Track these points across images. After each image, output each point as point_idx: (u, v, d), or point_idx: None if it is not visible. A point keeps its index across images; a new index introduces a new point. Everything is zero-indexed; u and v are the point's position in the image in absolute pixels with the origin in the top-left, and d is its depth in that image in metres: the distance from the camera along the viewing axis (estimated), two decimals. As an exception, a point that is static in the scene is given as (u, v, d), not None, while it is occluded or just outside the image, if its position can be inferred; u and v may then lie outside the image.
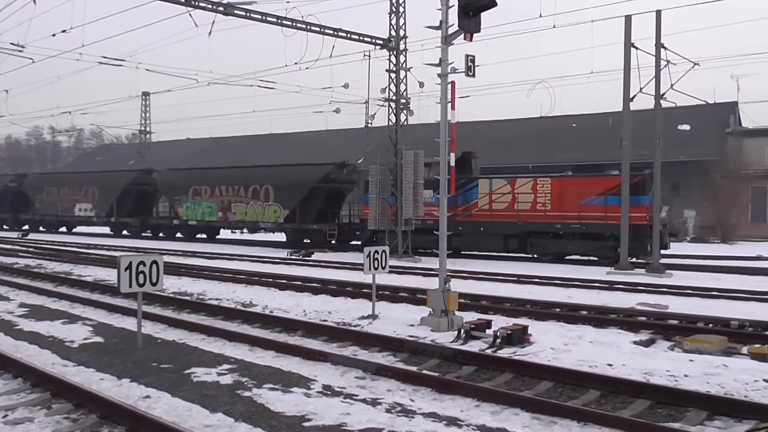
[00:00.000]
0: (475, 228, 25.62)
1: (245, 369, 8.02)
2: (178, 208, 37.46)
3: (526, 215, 24.75)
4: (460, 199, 25.61)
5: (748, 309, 13.14)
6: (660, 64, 21.24)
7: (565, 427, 6.36)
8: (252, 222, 33.78)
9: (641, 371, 8.24)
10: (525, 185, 25.07)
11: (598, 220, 23.21)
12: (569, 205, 23.82)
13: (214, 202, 35.37)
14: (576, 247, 24.14)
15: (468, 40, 10.92)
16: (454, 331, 10.54)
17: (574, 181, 24.59)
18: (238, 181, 34.41)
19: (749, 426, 6.30)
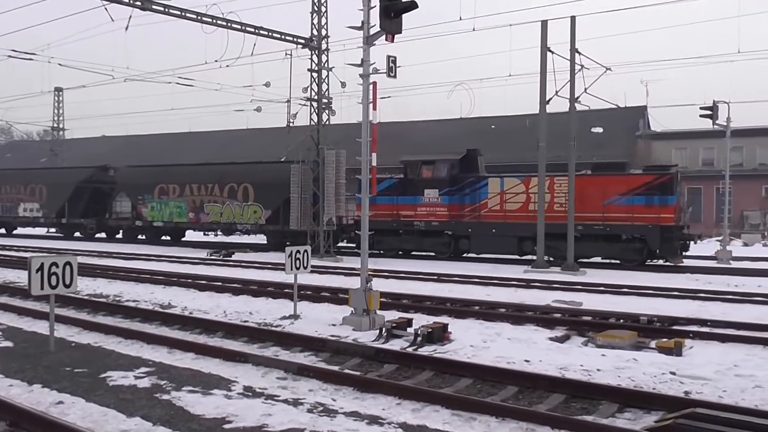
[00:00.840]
0: (486, 230, 23.86)
1: (164, 372, 7.81)
2: (142, 208, 34.41)
3: (546, 216, 22.44)
4: (467, 199, 24.52)
5: (656, 305, 13.79)
6: (574, 69, 21.99)
7: (483, 423, 6.48)
8: (228, 223, 31.37)
9: (557, 366, 8.51)
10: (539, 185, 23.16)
11: (625, 221, 21.95)
12: (591, 205, 22.24)
13: (184, 202, 32.64)
14: (598, 250, 22.76)
15: (389, 41, 11.00)
16: (375, 330, 10.60)
17: (596, 180, 23.20)
18: (212, 178, 31.82)
19: (657, 417, 6.60)
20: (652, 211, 21.49)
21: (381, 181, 25.81)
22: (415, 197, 25.43)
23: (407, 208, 25.53)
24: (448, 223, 24.68)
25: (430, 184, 25.03)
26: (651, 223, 21.42)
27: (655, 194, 21.51)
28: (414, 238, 25.84)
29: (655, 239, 21.49)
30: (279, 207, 29.28)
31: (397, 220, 25.66)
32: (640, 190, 21.88)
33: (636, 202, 21.79)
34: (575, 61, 21.96)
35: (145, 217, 34.26)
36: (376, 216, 25.20)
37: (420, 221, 25.32)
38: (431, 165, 25.25)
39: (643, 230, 21.55)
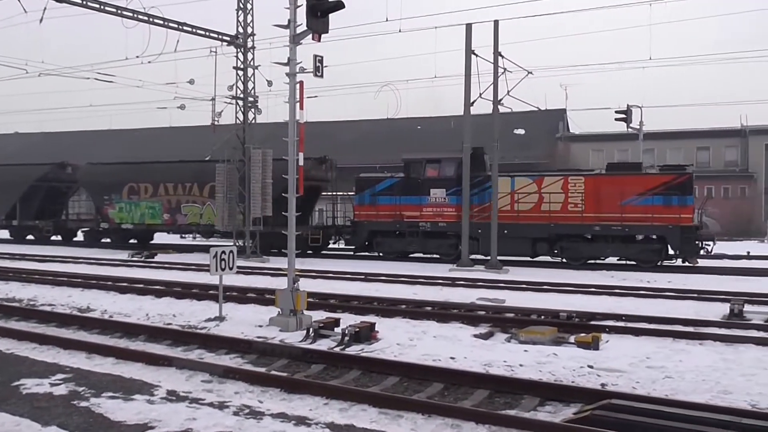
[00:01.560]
0: (498, 231, 22.51)
1: (82, 378, 7.57)
2: (108, 209, 31.64)
3: (558, 217, 22.47)
4: (475, 199, 23.34)
5: (575, 301, 14.25)
6: (498, 72, 22.48)
7: (410, 420, 6.57)
8: (208, 225, 29.05)
9: (481, 363, 8.70)
10: (554, 184, 22.88)
11: (643, 221, 21.55)
12: (607, 205, 21.89)
13: (157, 203, 30.21)
14: (615, 251, 22.27)
15: (316, 40, 11.00)
16: (303, 330, 10.57)
17: (613, 180, 22.53)
18: (190, 177, 29.56)
19: (576, 409, 6.84)
20: (672, 211, 21.20)
21: (380, 181, 25.34)
22: (420, 197, 24.20)
23: (412, 209, 24.16)
24: (457, 224, 23.29)
25: (437, 183, 24.05)
26: (671, 224, 21.12)
27: (674, 194, 21.27)
28: (418, 239, 24.58)
29: (675, 239, 21.26)
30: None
31: (400, 221, 24.29)
32: (658, 190, 21.53)
33: (654, 202, 21.44)
34: (498, 64, 22.45)
35: (112, 218, 31.47)
36: (375, 217, 25.00)
37: (426, 222, 24.12)
38: (437, 163, 24.26)
39: (664, 230, 21.31)
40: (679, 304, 13.96)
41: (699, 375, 8.11)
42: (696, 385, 7.71)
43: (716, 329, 11.10)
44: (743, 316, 12.09)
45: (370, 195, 25.19)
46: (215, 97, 26.80)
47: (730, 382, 7.83)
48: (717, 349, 9.59)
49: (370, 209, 25.06)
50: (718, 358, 8.99)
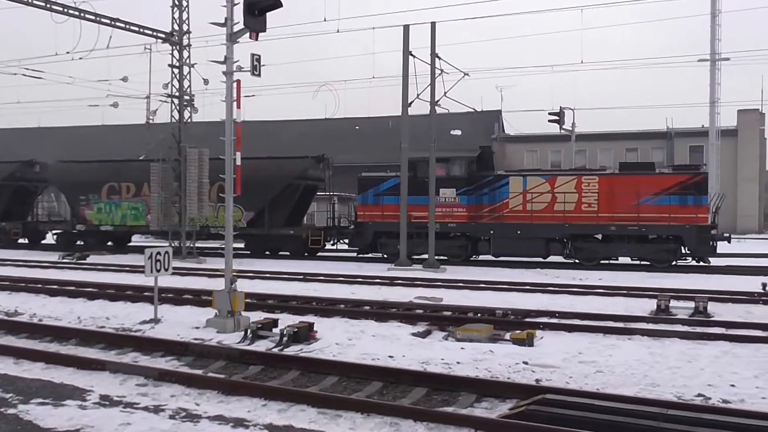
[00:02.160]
0: (510, 231, 22.43)
1: (9, 384, 7.32)
2: (86, 210, 29.68)
3: (572, 217, 22.18)
4: (485, 199, 23.13)
5: (511, 299, 14.55)
6: (435, 73, 22.73)
7: (349, 420, 6.59)
8: (201, 227, 27.17)
9: (419, 361, 8.79)
10: (567, 184, 22.50)
11: (660, 221, 21.42)
12: (622, 205, 21.72)
13: (141, 203, 28.45)
14: (631, 251, 22.11)
15: (254, 39, 10.90)
16: (240, 331, 10.47)
17: (628, 179, 22.21)
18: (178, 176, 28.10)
19: (511, 404, 6.99)
20: (688, 210, 21.21)
21: (384, 180, 24.69)
22: (427, 197, 23.15)
23: (420, 209, 23.02)
24: (468, 225, 23.17)
25: (447, 182, 23.45)
26: (688, 224, 21.11)
27: (690, 194, 21.29)
28: (423, 241, 23.47)
29: (692, 239, 21.24)
30: (263, 208, 26.66)
31: (408, 222, 23.07)
32: (673, 190, 21.50)
33: (671, 201, 21.41)
34: (435, 66, 22.71)
35: (90, 220, 29.47)
36: (381, 217, 24.19)
37: (435, 223, 23.25)
38: (445, 163, 23.67)
39: (680, 230, 21.24)
40: (610, 301, 14.41)
41: (628, 369, 8.40)
42: (625, 379, 7.98)
43: (644, 324, 11.50)
44: (669, 312, 12.57)
45: (374, 195, 24.45)
46: (150, 95, 26.24)
47: (657, 375, 8.15)
48: (645, 344, 9.96)
49: (375, 209, 24.31)
50: (645, 352, 9.34)
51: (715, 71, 34.75)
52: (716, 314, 12.45)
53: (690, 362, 8.75)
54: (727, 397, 7.25)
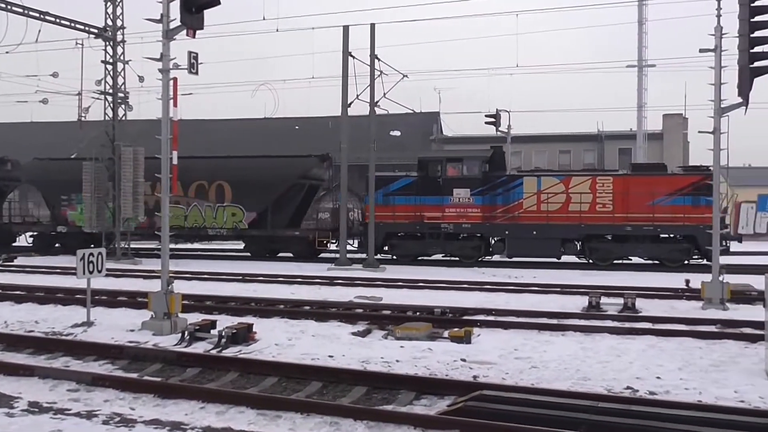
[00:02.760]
0: (526, 232, 22.25)
1: (-68, 392, 7.03)
2: (67, 210, 27.99)
3: (588, 217, 22.16)
4: (499, 199, 22.88)
5: (449, 297, 14.76)
6: (374, 74, 22.84)
7: (289, 420, 6.58)
8: (196, 228, 26.30)
9: (359, 360, 8.84)
10: (582, 184, 22.49)
11: (674, 221, 21.61)
12: (636, 205, 21.78)
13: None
14: (645, 251, 22.23)
15: (191, 36, 10.74)
16: (177, 333, 10.31)
17: (642, 180, 22.32)
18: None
19: (450, 401, 7.10)
20: (701, 211, 21.26)
21: (394, 180, 24.18)
22: (442, 197, 23.12)
23: (433, 209, 23.08)
24: (482, 225, 22.88)
25: (461, 183, 23.07)
26: (702, 224, 20.99)
27: (702, 194, 21.27)
28: (439, 241, 23.53)
29: (705, 239, 20.44)
30: (266, 209, 25.70)
31: (420, 222, 23.15)
32: (686, 191, 21.75)
33: (685, 202, 21.68)
34: (375, 67, 22.81)
35: (72, 221, 27.58)
36: (392, 218, 23.57)
37: (448, 223, 23.09)
38: (458, 162, 23.35)
39: (694, 230, 21.37)
40: (544, 298, 14.80)
41: (561, 364, 8.65)
42: (559, 373, 8.21)
43: (577, 321, 11.86)
44: (600, 308, 12.99)
45: (383, 195, 23.79)
46: (82, 92, 25.45)
47: (589, 369, 8.41)
48: (577, 339, 10.26)
49: (384, 210, 23.65)
50: (578, 347, 9.62)
51: (642, 77, 35.98)
52: (644, 310, 12.94)
53: (619, 356, 9.06)
54: (654, 389, 7.55)
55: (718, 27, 13.53)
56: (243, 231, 26.07)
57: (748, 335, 10.26)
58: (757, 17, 12.83)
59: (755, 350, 9.34)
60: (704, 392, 7.40)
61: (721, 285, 13.51)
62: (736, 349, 9.57)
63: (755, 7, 12.82)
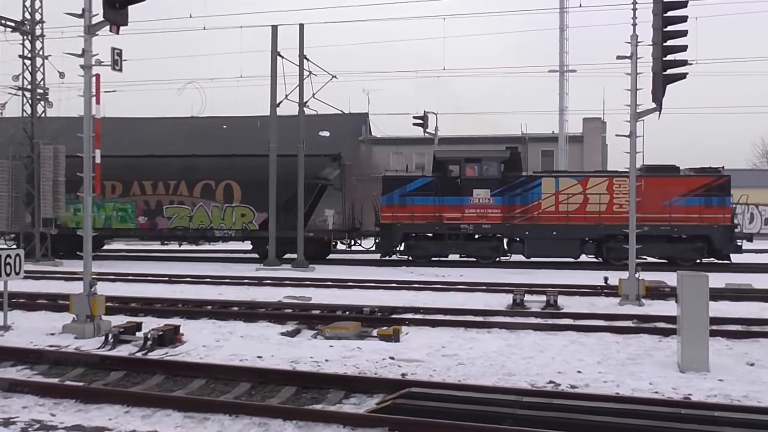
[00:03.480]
0: (546, 232, 22.28)
1: None
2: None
3: (607, 217, 22.31)
4: (518, 200, 22.84)
5: (378, 296, 14.88)
6: (303, 74, 22.79)
7: (217, 422, 6.52)
8: (202, 230, 25.14)
9: (288, 360, 8.84)
10: (599, 185, 22.79)
11: (689, 221, 22.06)
12: (652, 206, 21.56)
13: (129, 203, 25.84)
14: (661, 251, 22.46)
15: (114, 32, 10.48)
16: (101, 336, 10.05)
17: (657, 181, 22.48)
18: (175, 174, 25.28)
19: (379, 399, 7.20)
20: (714, 211, 22.07)
21: (411, 180, 23.92)
22: (461, 198, 22.99)
23: (453, 210, 22.94)
24: (502, 226, 22.84)
25: (481, 183, 23.00)
26: (716, 223, 21.98)
27: (715, 195, 22.14)
28: (459, 242, 23.31)
29: (719, 238, 22.00)
30: (279, 209, 24.39)
31: (439, 223, 22.95)
32: (700, 191, 22.28)
33: (699, 203, 22.19)
34: (304, 67, 22.76)
35: (63, 223, 25.64)
36: (410, 218, 23.24)
37: (468, 224, 22.94)
38: (477, 163, 23.25)
39: (709, 230, 22.00)
40: (470, 296, 15.11)
41: (487, 360, 8.88)
42: (485, 370, 8.43)
43: (502, 318, 12.17)
44: (524, 305, 13.37)
45: (400, 195, 23.48)
46: (-2, 88, 24.33)
47: (514, 365, 8.67)
48: (502, 336, 10.54)
49: (402, 210, 23.36)
50: (503, 344, 9.89)
51: (563, 82, 37.12)
52: (565, 306, 13.39)
53: (542, 352, 9.38)
54: (575, 383, 7.85)
55: (634, 35, 14.15)
56: (253, 232, 25.17)
57: (662, 329, 10.78)
58: (670, 27, 13.48)
59: (668, 344, 9.83)
60: (621, 384, 7.74)
61: (637, 282, 14.13)
62: (650, 342, 10.04)
63: (668, 17, 13.47)
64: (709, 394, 7.35)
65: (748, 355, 9.10)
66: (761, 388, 7.55)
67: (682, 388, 7.57)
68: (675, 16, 13.50)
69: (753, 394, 7.33)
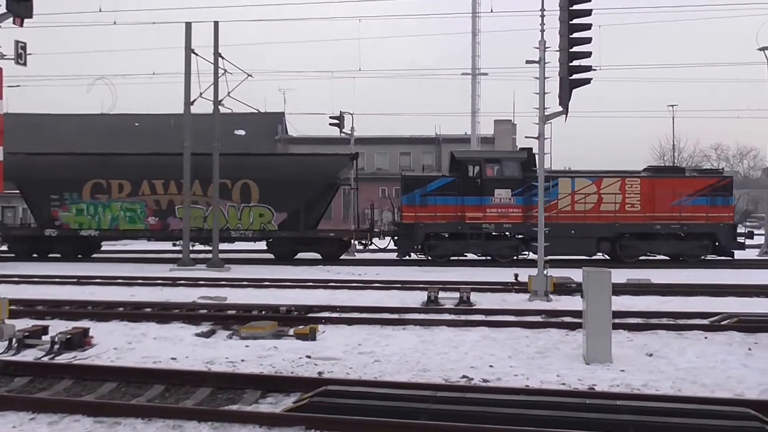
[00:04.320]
0: (565, 231, 22.43)
1: None
2: (59, 211, 25.12)
3: (621, 216, 23.24)
4: (536, 200, 21.37)
5: (294, 295, 14.85)
6: (218, 72, 22.42)
7: (129, 426, 6.38)
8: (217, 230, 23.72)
9: (203, 361, 8.73)
10: (612, 185, 23.45)
11: (697, 220, 23.15)
12: (661, 205, 23.14)
13: (139, 203, 24.80)
14: (670, 248, 23.54)
15: (18, 25, 10.05)
16: (4, 341, 9.61)
17: (666, 182, 23.66)
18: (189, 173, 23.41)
19: (295, 398, 7.21)
20: (719, 210, 23.22)
21: (432, 180, 23.96)
22: (482, 197, 23.24)
23: (475, 210, 23.17)
24: (522, 225, 22.99)
25: (502, 183, 23.26)
26: (721, 222, 23.18)
27: (719, 195, 23.38)
28: (480, 242, 23.41)
29: (725, 236, 23.24)
30: (298, 209, 24.26)
31: (461, 223, 23.11)
32: (705, 192, 23.38)
33: (704, 202, 23.26)
34: (219, 65, 22.40)
35: (66, 223, 24.87)
36: (432, 218, 23.27)
37: (489, 223, 23.14)
38: (497, 163, 23.55)
39: (714, 228, 23.18)
40: (386, 294, 15.29)
41: (403, 357, 9.03)
42: (400, 366, 8.58)
43: (417, 315, 12.37)
44: (438, 302, 13.64)
45: (421, 195, 23.52)
46: None
47: (428, 360, 8.85)
48: (417, 333, 10.74)
49: (423, 210, 23.40)
50: (418, 340, 10.08)
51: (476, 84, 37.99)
52: (478, 303, 13.75)
53: (456, 347, 9.61)
54: (487, 377, 8.10)
55: (542, 41, 14.69)
56: (272, 232, 24.72)
57: (569, 323, 11.23)
58: (575, 34, 14.06)
59: (574, 337, 10.27)
60: (531, 377, 8.04)
61: (545, 278, 14.66)
62: (558, 336, 10.46)
63: (573, 25, 14.04)
64: (612, 384, 7.74)
65: (647, 346, 9.62)
66: (659, 377, 8.01)
67: (587, 379, 7.94)
68: (580, 24, 14.08)
69: (652, 382, 7.77)
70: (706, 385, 7.68)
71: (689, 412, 6.36)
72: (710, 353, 9.10)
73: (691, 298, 14.58)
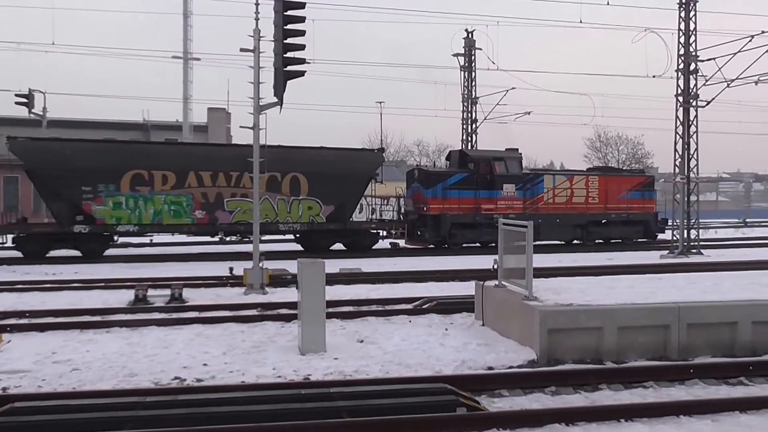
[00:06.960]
0: (553, 220, 27.04)
1: None
2: (92, 204, 21.91)
3: (591, 207, 28.03)
4: (529, 193, 27.17)
5: None
6: None
7: None
8: (267, 223, 23.00)
9: None
10: (580, 182, 28.10)
11: (638, 210, 28.74)
12: (612, 198, 28.27)
13: (186, 195, 22.82)
14: (619, 233, 28.66)
15: None
16: None
17: (616, 180, 29.17)
18: (238, 165, 21.99)
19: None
20: (648, 202, 29.18)
21: (451, 175, 26.40)
22: (493, 191, 26.46)
23: (488, 202, 26.32)
24: (522, 215, 25.41)
25: (509, 179, 26.69)
26: (651, 212, 29.21)
27: (647, 190, 29.33)
28: (492, 230, 21.54)
29: (654, 223, 29.14)
30: (344, 202, 24.56)
31: (478, 213, 26.13)
32: (638, 188, 29.09)
33: (639, 196, 28.96)
34: None
35: (100, 218, 22.09)
36: (457, 209, 26.00)
37: (499, 214, 24.60)
38: (503, 161, 26.80)
39: (648, 216, 28.98)
40: (86, 294, 13.97)
41: (106, 363, 8.25)
42: (103, 373, 7.81)
43: (123, 316, 11.49)
44: (147, 301, 12.82)
45: (443, 188, 25.88)
46: None
47: (136, 364, 8.19)
48: (123, 335, 9.92)
49: (446, 202, 25.91)
50: (124, 343, 9.30)
51: (188, 69, 36.78)
52: (191, 299, 13.19)
53: (167, 348, 9.04)
54: (201, 376, 7.73)
55: (256, 30, 14.51)
56: (320, 225, 24.61)
57: (285, 315, 11.25)
58: (290, 25, 14.14)
59: (290, 329, 10.31)
60: (247, 373, 7.86)
61: (261, 271, 14.57)
62: (274, 329, 10.40)
63: (288, 16, 14.10)
64: (326, 372, 7.88)
65: (358, 333, 9.99)
66: (369, 362, 8.35)
67: (302, 369, 7.98)
68: (294, 16, 14.19)
69: (362, 368, 8.07)
70: (410, 366, 8.18)
71: (396, 393, 6.74)
72: (414, 336, 9.73)
73: (397, 285, 15.55)
